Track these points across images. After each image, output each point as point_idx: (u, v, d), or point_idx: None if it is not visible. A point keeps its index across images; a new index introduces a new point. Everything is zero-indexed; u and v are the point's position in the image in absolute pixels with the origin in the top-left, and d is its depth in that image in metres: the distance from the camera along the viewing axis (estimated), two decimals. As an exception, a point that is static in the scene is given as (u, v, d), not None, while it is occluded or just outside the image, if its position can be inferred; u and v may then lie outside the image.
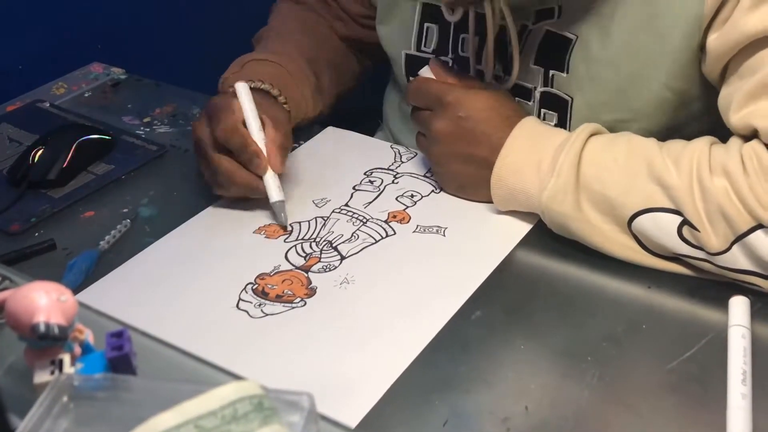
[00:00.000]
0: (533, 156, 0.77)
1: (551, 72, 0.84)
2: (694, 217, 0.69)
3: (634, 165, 0.73)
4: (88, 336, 0.54)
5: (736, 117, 0.72)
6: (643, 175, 0.72)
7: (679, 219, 0.70)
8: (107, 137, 0.98)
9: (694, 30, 0.74)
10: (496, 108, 0.81)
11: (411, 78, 0.95)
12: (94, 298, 0.74)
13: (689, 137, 0.74)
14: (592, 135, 0.76)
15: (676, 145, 0.73)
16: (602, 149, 0.75)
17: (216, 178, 0.83)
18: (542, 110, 0.86)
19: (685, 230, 0.71)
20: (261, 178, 0.82)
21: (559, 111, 0.85)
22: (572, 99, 0.84)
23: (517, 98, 0.87)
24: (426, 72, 0.87)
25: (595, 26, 0.80)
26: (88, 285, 0.77)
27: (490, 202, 0.82)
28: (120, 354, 0.51)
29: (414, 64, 0.93)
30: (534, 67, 0.85)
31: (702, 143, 0.72)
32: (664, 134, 0.79)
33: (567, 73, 0.83)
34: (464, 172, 0.82)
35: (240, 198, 0.85)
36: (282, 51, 0.96)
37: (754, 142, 0.70)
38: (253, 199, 0.85)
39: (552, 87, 0.85)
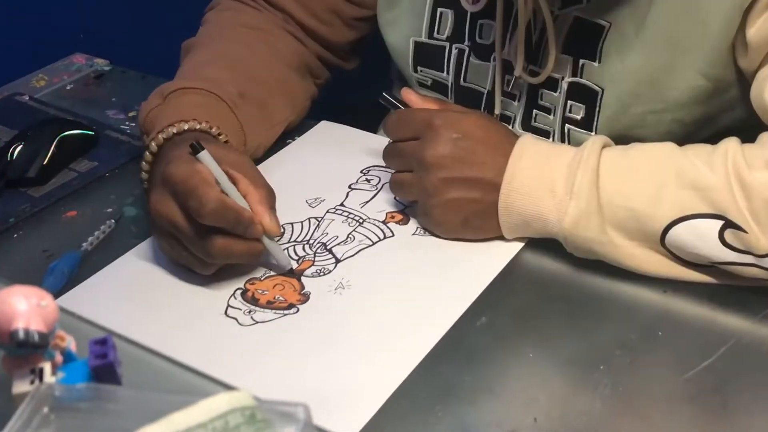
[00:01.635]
0: (544, 177, 0.75)
1: (581, 61, 0.83)
2: (739, 217, 0.68)
3: (659, 173, 0.71)
4: (70, 343, 0.54)
5: None
6: (672, 181, 0.70)
7: (720, 223, 0.69)
8: (90, 132, 0.98)
9: (735, 15, 0.74)
10: (492, 126, 0.79)
11: (419, 68, 0.94)
12: (76, 303, 0.74)
13: (723, 129, 0.74)
14: (603, 147, 0.75)
15: (701, 147, 0.72)
16: (620, 161, 0.73)
17: (207, 260, 0.74)
18: (569, 102, 0.86)
19: (728, 234, 0.69)
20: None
21: (587, 103, 0.84)
22: (603, 90, 0.83)
23: (542, 89, 0.86)
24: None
25: (629, 13, 0.79)
26: (70, 289, 0.76)
27: (499, 237, 0.79)
28: (104, 362, 0.51)
29: (424, 52, 0.92)
30: (562, 56, 0.84)
31: (732, 141, 0.71)
32: (697, 126, 0.79)
33: (599, 62, 0.82)
34: (469, 200, 0.77)
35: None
36: (212, 76, 0.87)
37: None
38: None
39: (581, 77, 0.84)
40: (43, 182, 0.91)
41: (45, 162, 0.92)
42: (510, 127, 0.86)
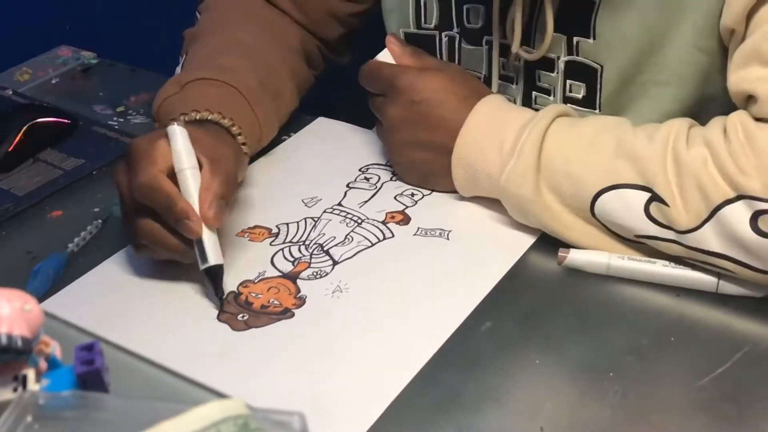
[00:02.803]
0: (496, 134, 0.78)
1: (575, 39, 0.84)
2: (665, 190, 0.70)
3: (601, 140, 0.74)
4: (55, 349, 0.54)
5: (732, 78, 0.73)
6: (611, 150, 0.73)
7: (646, 195, 0.72)
8: (66, 121, 0.97)
9: None
10: (453, 89, 0.82)
11: None
12: (61, 307, 0.74)
13: (727, 111, 0.74)
14: (559, 116, 0.78)
15: (652, 125, 0.75)
16: (569, 127, 0.77)
17: (135, 241, 0.75)
18: (568, 81, 0.86)
19: (653, 207, 0.71)
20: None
21: (588, 81, 0.85)
22: (602, 67, 0.84)
23: (539, 70, 0.87)
24: (383, 55, 0.88)
25: None
26: (55, 292, 0.77)
27: (454, 191, 0.84)
28: (90, 369, 0.51)
29: (416, 43, 0.93)
30: (555, 34, 0.84)
31: (682, 121, 0.73)
32: (699, 106, 0.80)
33: (594, 39, 0.83)
34: (424, 160, 0.84)
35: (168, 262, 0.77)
36: (231, 65, 0.88)
37: (740, 112, 0.71)
38: (238, 200, 0.85)
39: (578, 55, 0.85)
40: (6, 170, 0.91)
41: (9, 149, 0.91)
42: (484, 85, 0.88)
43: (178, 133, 0.74)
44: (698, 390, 0.66)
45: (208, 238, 0.73)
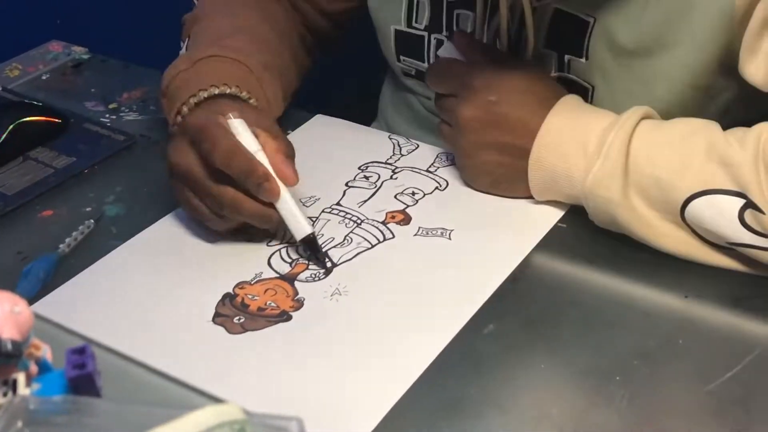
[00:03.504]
0: (578, 135, 0.77)
1: (566, 57, 0.84)
2: (759, 197, 0.69)
3: (691, 144, 0.73)
4: (46, 352, 0.54)
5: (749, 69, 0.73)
6: (702, 153, 0.72)
7: (741, 202, 0.71)
8: (56, 120, 0.97)
9: (725, 24, 0.75)
10: (532, 89, 0.81)
11: (401, 57, 0.96)
12: (52, 310, 0.74)
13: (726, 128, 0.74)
14: (644, 118, 0.77)
15: (739, 128, 0.74)
16: (655, 129, 0.76)
17: (216, 212, 0.78)
18: None
19: (748, 215, 0.70)
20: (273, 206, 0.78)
21: None
22: (593, 87, 0.84)
23: None
24: (447, 50, 0.87)
25: (615, 11, 0.80)
26: (45, 294, 0.76)
27: (528, 196, 0.83)
28: (82, 373, 0.51)
29: (405, 41, 0.93)
30: (545, 50, 0.85)
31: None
32: None
33: (586, 59, 0.83)
34: (498, 164, 0.82)
35: (240, 231, 0.81)
36: (238, 46, 0.90)
37: None
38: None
39: (569, 73, 0.85)
40: None
41: None
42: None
43: (239, 125, 0.78)
44: (707, 394, 0.66)
45: (293, 206, 0.78)
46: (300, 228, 0.78)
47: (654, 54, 0.80)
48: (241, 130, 0.78)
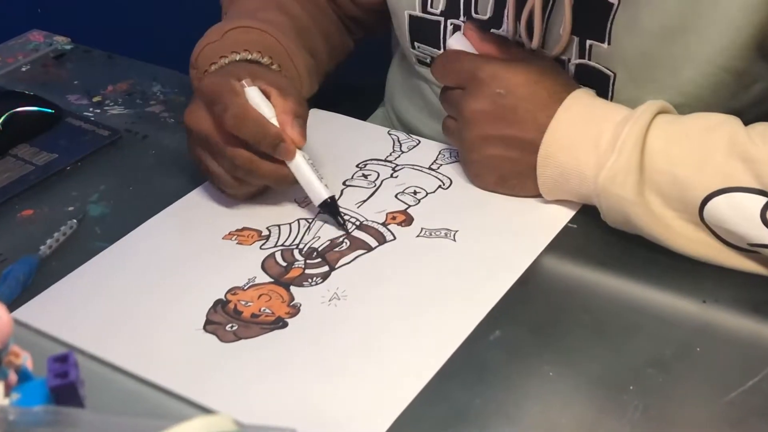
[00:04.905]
0: (590, 131, 0.77)
1: (588, 42, 0.84)
2: None
3: (711, 139, 0.73)
4: (26, 360, 0.54)
5: None
6: (722, 149, 0.72)
7: (763, 200, 0.71)
8: (49, 111, 0.97)
9: (762, 1, 0.74)
10: (542, 82, 0.81)
11: (416, 44, 0.96)
12: (33, 315, 0.74)
13: (749, 123, 0.74)
14: (660, 112, 0.77)
15: (761, 123, 0.74)
16: (672, 123, 0.76)
17: (232, 175, 0.82)
18: None
19: None
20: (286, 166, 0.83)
21: (598, 88, 0.85)
22: (614, 74, 0.84)
23: None
24: (456, 41, 0.87)
25: None
26: (25, 299, 0.76)
27: (537, 195, 0.83)
28: (64, 382, 0.51)
29: (419, 27, 0.93)
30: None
31: None
32: None
33: (608, 44, 0.83)
34: (505, 159, 0.83)
35: (255, 195, 0.86)
36: (269, 18, 0.94)
37: None
38: (225, 200, 0.85)
39: (590, 59, 0.85)
40: None
41: None
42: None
43: (253, 92, 0.82)
44: (726, 405, 0.66)
45: (307, 168, 0.82)
46: (317, 192, 0.82)
47: (681, 36, 0.79)
48: (253, 95, 0.82)
